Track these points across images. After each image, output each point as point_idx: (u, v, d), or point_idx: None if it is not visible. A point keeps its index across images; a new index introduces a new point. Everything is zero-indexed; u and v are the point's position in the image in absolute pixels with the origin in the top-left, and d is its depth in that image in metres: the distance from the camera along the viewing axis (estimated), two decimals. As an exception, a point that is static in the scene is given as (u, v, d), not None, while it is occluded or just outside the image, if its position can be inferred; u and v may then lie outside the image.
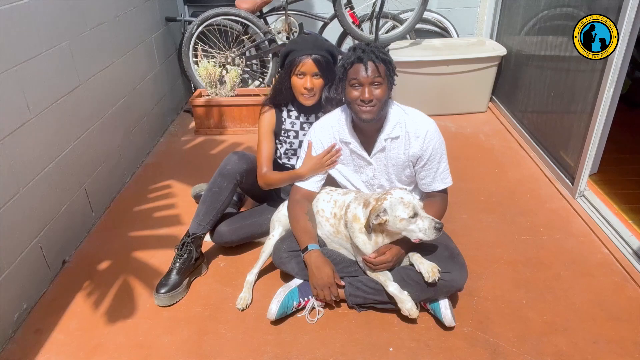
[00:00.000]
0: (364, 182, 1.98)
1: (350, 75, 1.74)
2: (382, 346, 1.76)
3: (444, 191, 1.94)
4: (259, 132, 2.12)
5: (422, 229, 1.69)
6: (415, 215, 1.69)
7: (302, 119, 2.11)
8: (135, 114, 3.14)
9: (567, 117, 2.76)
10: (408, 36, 3.93)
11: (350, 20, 3.53)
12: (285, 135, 2.13)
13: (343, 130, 1.90)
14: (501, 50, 3.59)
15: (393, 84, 1.80)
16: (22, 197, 1.97)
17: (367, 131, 1.87)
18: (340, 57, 1.87)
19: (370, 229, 1.73)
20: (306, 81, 1.95)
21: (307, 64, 1.92)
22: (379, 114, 1.77)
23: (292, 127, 2.12)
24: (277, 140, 2.15)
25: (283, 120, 2.12)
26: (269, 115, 2.11)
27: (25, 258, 1.97)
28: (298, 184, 1.99)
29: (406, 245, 1.80)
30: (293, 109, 2.12)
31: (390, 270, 1.86)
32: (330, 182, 2.05)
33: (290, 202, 2.00)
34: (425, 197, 1.95)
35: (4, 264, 1.85)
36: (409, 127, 1.84)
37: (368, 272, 1.85)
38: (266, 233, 2.14)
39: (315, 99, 2.00)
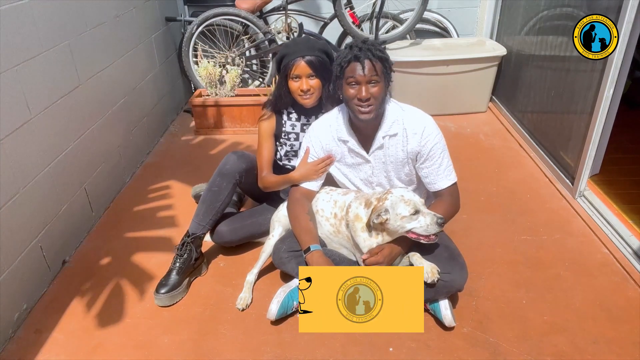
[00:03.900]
0: (362, 179, 1.98)
1: (347, 74, 1.74)
2: (382, 346, 1.76)
3: (453, 190, 1.90)
4: (259, 136, 2.12)
5: (423, 225, 1.69)
6: (416, 212, 1.69)
7: (302, 120, 2.11)
8: (135, 114, 3.14)
9: (567, 117, 2.76)
10: (408, 36, 3.93)
11: (350, 20, 3.53)
12: (286, 137, 2.13)
13: (341, 128, 1.90)
14: (501, 50, 3.59)
15: (390, 81, 1.80)
16: (22, 197, 1.97)
17: (365, 129, 1.87)
18: (337, 54, 1.87)
19: (371, 227, 1.73)
20: (302, 83, 1.94)
21: (301, 66, 1.91)
22: (377, 112, 1.78)
23: (293, 129, 2.12)
24: (277, 143, 2.15)
25: (283, 123, 2.12)
26: (269, 119, 2.11)
27: (25, 258, 1.97)
28: (298, 182, 1.99)
29: (406, 243, 1.80)
30: (293, 111, 2.12)
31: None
32: (330, 181, 2.05)
33: (290, 201, 1.99)
34: (435, 197, 1.93)
35: (4, 264, 1.85)
36: (407, 123, 1.84)
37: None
38: (266, 233, 2.14)
39: (314, 98, 2.00)
